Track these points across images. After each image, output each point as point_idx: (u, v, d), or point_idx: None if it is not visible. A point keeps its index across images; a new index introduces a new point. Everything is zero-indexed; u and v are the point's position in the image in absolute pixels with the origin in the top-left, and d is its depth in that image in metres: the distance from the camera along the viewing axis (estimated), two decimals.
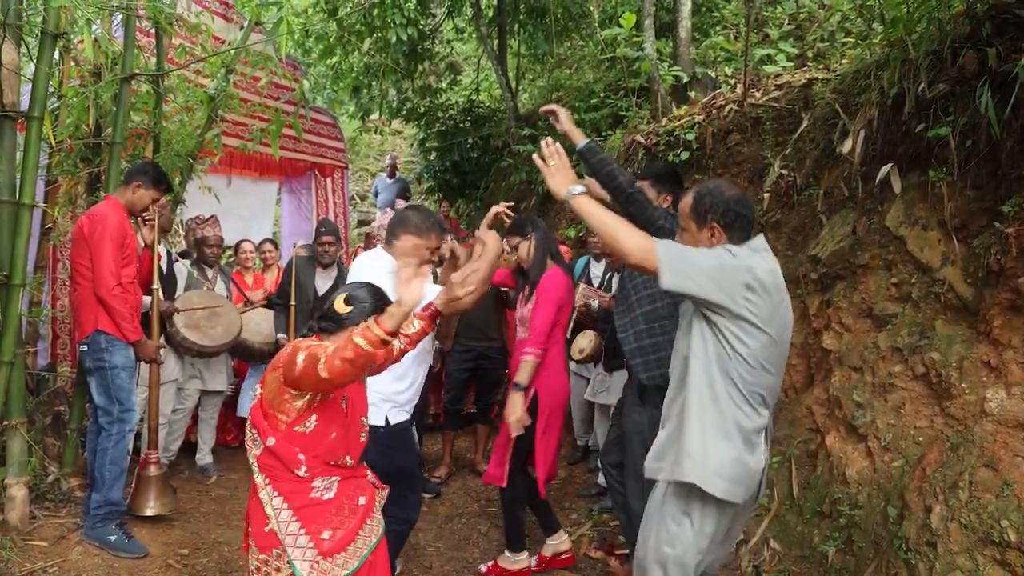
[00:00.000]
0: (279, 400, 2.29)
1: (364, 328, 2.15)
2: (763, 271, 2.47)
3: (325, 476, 2.38)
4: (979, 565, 2.98)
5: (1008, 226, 3.23)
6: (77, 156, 4.73)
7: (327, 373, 2.12)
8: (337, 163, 8.76)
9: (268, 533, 2.31)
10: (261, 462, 2.34)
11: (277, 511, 2.31)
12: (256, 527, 2.35)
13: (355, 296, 2.47)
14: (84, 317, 3.96)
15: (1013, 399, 3.16)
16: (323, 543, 2.31)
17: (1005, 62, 3.26)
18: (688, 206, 2.67)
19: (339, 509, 2.39)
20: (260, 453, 2.33)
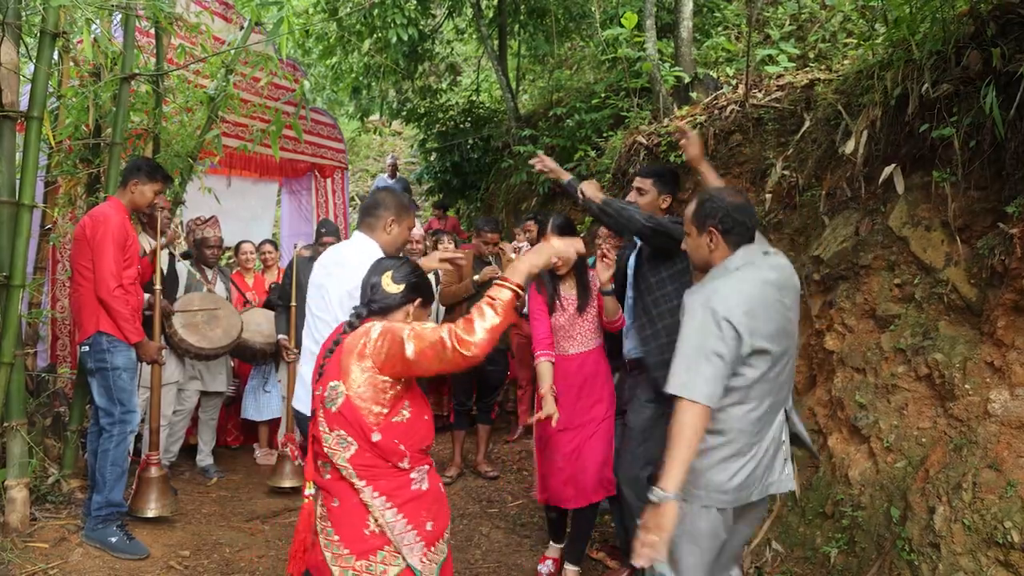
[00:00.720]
0: (373, 392, 2.14)
1: (494, 290, 2.08)
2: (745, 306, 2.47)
3: (420, 466, 2.29)
4: (982, 566, 2.97)
5: (1012, 227, 3.22)
6: (77, 157, 4.72)
7: (475, 349, 2.01)
8: (337, 164, 8.76)
9: (370, 536, 2.18)
10: (356, 464, 2.17)
11: (381, 511, 2.18)
12: (352, 532, 2.19)
13: (400, 273, 2.35)
14: (85, 318, 3.95)
15: (1017, 400, 3.15)
16: (428, 534, 2.25)
17: (1010, 62, 3.24)
18: (691, 211, 2.71)
19: (435, 499, 2.33)
20: (354, 454, 2.17)
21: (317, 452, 2.27)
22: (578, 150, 7.57)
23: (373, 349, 2.13)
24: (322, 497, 2.26)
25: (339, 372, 2.18)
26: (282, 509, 4.86)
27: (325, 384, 2.21)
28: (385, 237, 3.15)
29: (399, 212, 3.19)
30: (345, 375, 2.16)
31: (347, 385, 2.15)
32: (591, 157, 7.41)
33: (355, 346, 2.18)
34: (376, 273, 2.38)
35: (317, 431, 2.23)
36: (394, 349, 2.10)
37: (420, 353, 2.06)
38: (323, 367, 2.27)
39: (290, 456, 5.06)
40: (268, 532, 4.50)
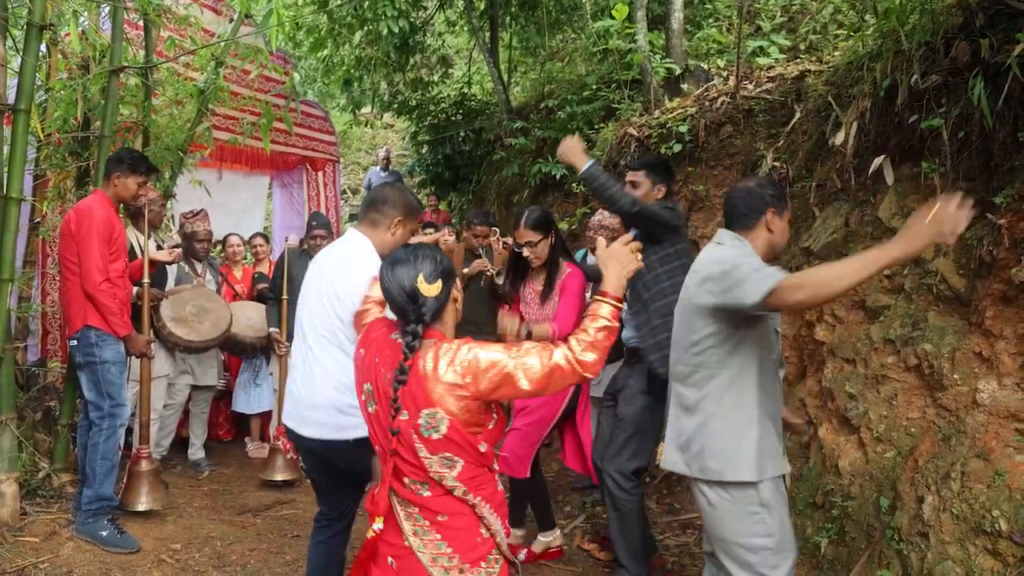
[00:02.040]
0: (476, 412, 2.07)
1: (595, 307, 2.10)
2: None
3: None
4: (971, 555, 2.99)
5: (1000, 217, 3.23)
6: (66, 150, 4.69)
7: (594, 369, 2.05)
8: (328, 157, 8.73)
9: (482, 542, 2.15)
10: (466, 479, 2.10)
11: (490, 518, 2.16)
12: (467, 543, 2.13)
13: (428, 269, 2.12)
14: (73, 312, 3.93)
15: (1005, 390, 3.17)
16: (506, 528, 2.25)
17: (998, 53, 3.25)
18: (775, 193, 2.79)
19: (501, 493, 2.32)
20: (461, 471, 2.09)
21: (400, 473, 2.12)
22: None
23: (475, 388, 2.03)
24: (417, 512, 2.12)
25: (429, 399, 2.03)
26: (274, 502, 4.86)
27: (415, 411, 2.04)
28: (387, 238, 2.92)
29: (407, 214, 2.97)
30: (439, 402, 2.03)
31: (446, 411, 2.03)
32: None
33: (442, 377, 2.03)
34: (404, 277, 2.11)
35: (413, 458, 2.07)
36: (506, 389, 2.03)
37: (535, 384, 2.03)
38: (396, 400, 2.06)
39: (282, 449, 5.05)
40: (260, 525, 4.50)
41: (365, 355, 2.22)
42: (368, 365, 2.19)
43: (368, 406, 2.18)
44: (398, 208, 2.93)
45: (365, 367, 2.20)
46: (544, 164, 7.72)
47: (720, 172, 5.65)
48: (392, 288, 2.12)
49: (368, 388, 2.18)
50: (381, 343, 2.20)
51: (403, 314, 2.13)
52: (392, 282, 2.12)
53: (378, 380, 2.13)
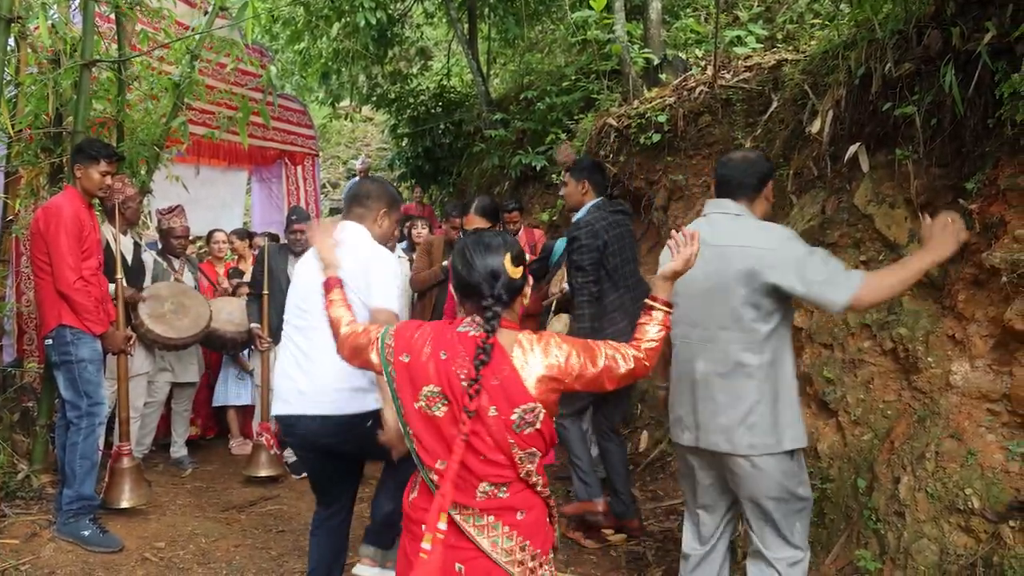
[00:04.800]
0: (557, 407, 2.12)
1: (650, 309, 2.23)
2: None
3: None
4: (945, 532, 3.05)
5: (971, 203, 3.28)
6: (38, 146, 4.62)
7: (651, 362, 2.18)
8: (307, 151, 8.68)
9: (550, 531, 2.18)
10: (541, 472, 2.13)
11: (554, 506, 2.21)
12: (543, 535, 2.14)
13: (516, 253, 2.12)
14: (47, 312, 3.89)
15: (977, 371, 3.23)
16: None
17: (968, 41, 3.29)
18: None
19: None
20: (537, 464, 2.10)
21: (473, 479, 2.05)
22: (549, 133, 7.57)
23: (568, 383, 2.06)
24: (491, 522, 2.06)
25: (527, 395, 2.01)
26: (258, 498, 4.85)
27: (508, 408, 2.00)
28: (375, 229, 3.01)
29: (391, 204, 3.07)
30: (538, 397, 2.02)
31: (544, 404, 2.03)
32: (562, 140, 7.42)
33: (538, 371, 2.03)
34: (488, 256, 2.09)
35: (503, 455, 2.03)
36: (592, 385, 2.12)
37: (615, 382, 2.14)
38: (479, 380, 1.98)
39: (265, 445, 5.04)
40: (244, 521, 4.49)
41: (414, 360, 2.07)
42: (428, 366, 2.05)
43: (434, 409, 2.04)
44: (382, 200, 3.02)
45: (423, 369, 2.06)
46: (524, 155, 7.73)
47: (699, 161, 5.69)
48: (476, 266, 2.08)
49: (432, 390, 2.04)
50: (445, 340, 2.08)
51: (477, 293, 2.08)
52: (477, 260, 2.08)
53: (451, 379, 2.02)
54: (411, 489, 2.20)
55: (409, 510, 2.17)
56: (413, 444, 2.10)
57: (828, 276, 2.59)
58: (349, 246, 2.86)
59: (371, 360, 2.17)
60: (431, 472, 2.07)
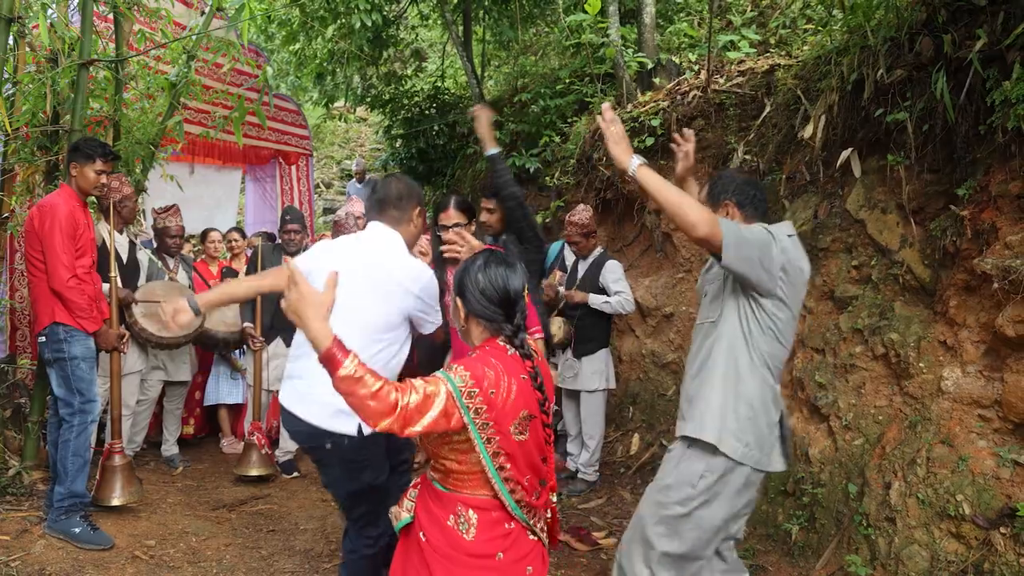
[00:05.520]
0: None
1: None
2: (795, 255, 2.63)
3: None
4: (936, 538, 3.07)
5: (963, 209, 3.31)
6: (34, 144, 4.62)
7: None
8: (302, 151, 8.68)
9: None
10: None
11: None
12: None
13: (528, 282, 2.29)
14: (41, 309, 3.88)
15: (968, 377, 3.25)
16: None
17: (959, 48, 3.33)
18: (705, 193, 2.85)
19: None
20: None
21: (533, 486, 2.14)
22: (543, 136, 7.58)
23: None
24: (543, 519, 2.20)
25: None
26: (249, 497, 4.84)
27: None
28: (411, 230, 2.97)
29: (421, 201, 3.03)
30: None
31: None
32: (556, 143, 7.44)
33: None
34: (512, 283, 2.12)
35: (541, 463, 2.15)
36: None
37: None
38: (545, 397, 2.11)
39: (256, 444, 5.03)
40: (235, 520, 4.48)
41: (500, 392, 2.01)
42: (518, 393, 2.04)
43: (519, 436, 2.05)
44: (414, 199, 2.98)
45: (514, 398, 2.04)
46: (518, 158, 7.74)
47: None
48: (497, 288, 2.09)
49: (525, 415, 2.06)
50: (513, 365, 2.08)
51: (492, 318, 2.10)
52: (498, 282, 2.09)
53: (530, 403, 2.06)
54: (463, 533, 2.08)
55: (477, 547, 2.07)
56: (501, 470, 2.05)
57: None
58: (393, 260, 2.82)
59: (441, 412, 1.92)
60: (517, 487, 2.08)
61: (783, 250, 2.56)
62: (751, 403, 2.59)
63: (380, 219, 2.94)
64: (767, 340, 2.61)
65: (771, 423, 2.63)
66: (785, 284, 2.58)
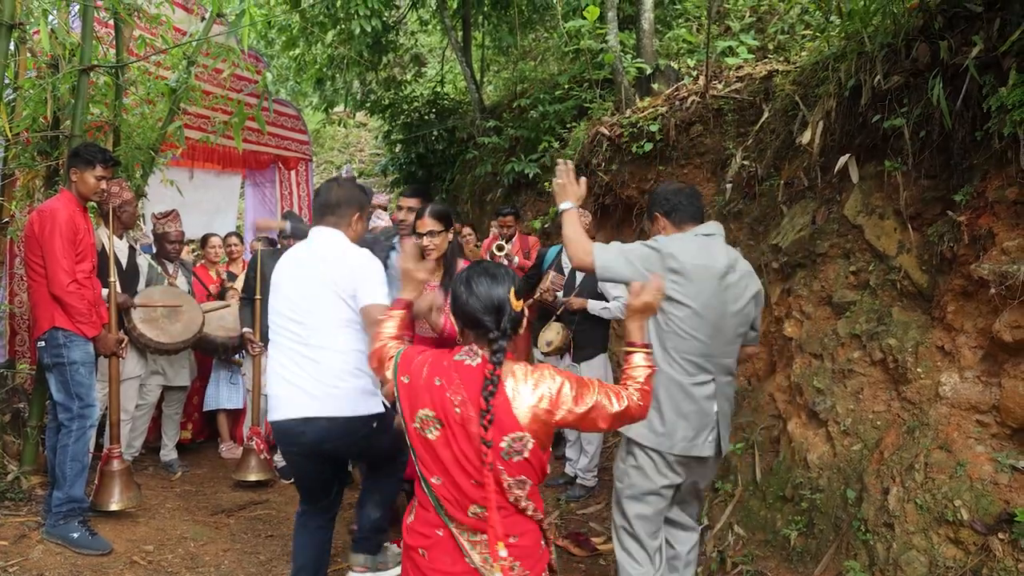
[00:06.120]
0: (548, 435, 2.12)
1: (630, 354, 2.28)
2: (686, 256, 2.91)
3: None
4: (934, 544, 3.07)
5: (960, 214, 3.32)
6: (35, 149, 4.63)
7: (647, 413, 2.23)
8: (301, 156, 8.69)
9: (543, 552, 2.21)
10: (532, 497, 2.15)
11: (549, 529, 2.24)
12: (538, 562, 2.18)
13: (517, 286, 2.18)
14: (41, 314, 3.89)
15: (966, 382, 3.26)
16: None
17: (956, 55, 3.34)
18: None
19: None
20: (530, 489, 2.13)
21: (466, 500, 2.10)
22: (542, 141, 7.61)
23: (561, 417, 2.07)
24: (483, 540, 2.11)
25: (516, 423, 2.04)
26: (247, 502, 4.84)
27: (499, 435, 2.04)
28: (351, 233, 3.15)
29: (362, 207, 3.20)
30: (527, 426, 2.05)
31: (532, 434, 2.06)
32: (555, 148, 7.46)
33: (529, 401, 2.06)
34: (494, 288, 2.13)
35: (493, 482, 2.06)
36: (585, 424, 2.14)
37: (608, 422, 2.17)
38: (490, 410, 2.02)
39: (255, 449, 5.03)
40: (233, 525, 4.48)
41: (412, 383, 2.14)
42: (424, 391, 2.11)
43: (427, 432, 2.10)
44: (352, 206, 3.15)
45: (419, 393, 2.12)
46: (517, 163, 7.76)
47: (690, 171, 5.72)
48: (480, 298, 2.12)
49: (427, 414, 2.10)
50: (441, 367, 2.13)
51: (481, 327, 2.12)
52: (480, 292, 2.13)
53: (445, 405, 2.07)
54: (408, 514, 2.23)
55: (407, 536, 2.19)
56: (414, 451, 2.16)
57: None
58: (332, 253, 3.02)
59: (387, 376, 2.26)
60: (431, 487, 2.13)
61: (670, 255, 2.89)
62: (657, 394, 2.86)
63: (321, 223, 3.14)
64: (670, 336, 2.93)
65: (682, 412, 2.94)
66: (680, 284, 2.88)
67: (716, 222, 3.16)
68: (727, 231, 5.04)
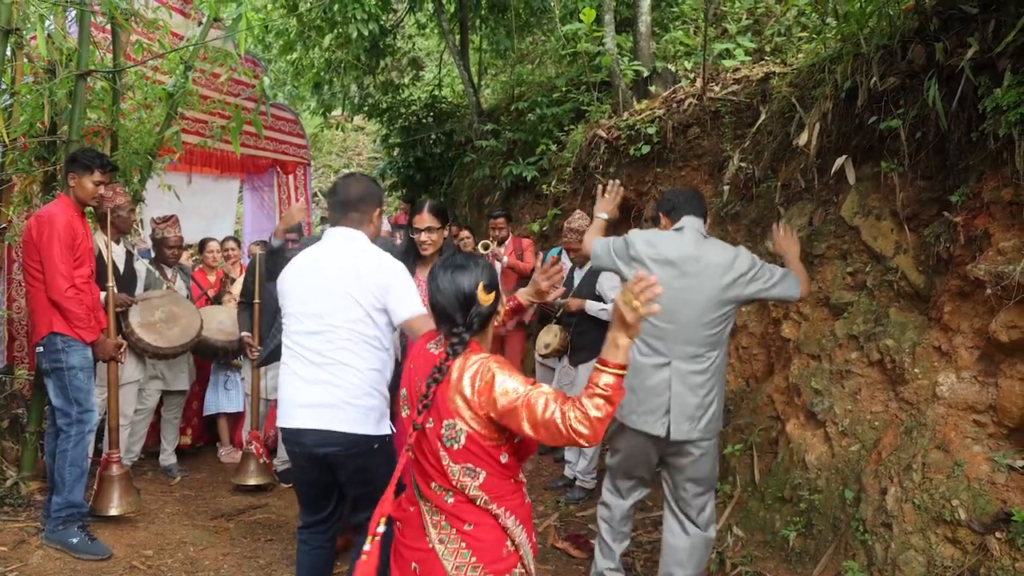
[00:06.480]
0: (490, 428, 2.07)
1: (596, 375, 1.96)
2: (645, 247, 3.30)
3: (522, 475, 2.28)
4: (932, 544, 3.08)
5: (956, 215, 3.33)
6: (32, 154, 4.63)
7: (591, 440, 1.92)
8: (299, 160, 8.69)
9: (508, 555, 2.15)
10: (489, 491, 2.11)
11: (515, 531, 2.17)
12: (493, 554, 2.12)
13: (487, 278, 2.18)
14: (39, 319, 3.89)
15: (963, 383, 3.26)
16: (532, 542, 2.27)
17: (951, 56, 3.35)
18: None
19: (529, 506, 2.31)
20: (484, 481, 2.10)
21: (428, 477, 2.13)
22: (540, 144, 7.62)
23: (485, 408, 2.03)
24: (443, 520, 2.13)
25: (450, 410, 2.06)
26: (247, 507, 4.84)
27: (439, 420, 2.07)
28: (372, 229, 3.05)
29: (381, 202, 3.14)
30: (457, 413, 2.05)
31: (465, 423, 2.05)
32: (552, 151, 7.47)
33: (461, 389, 2.05)
34: (461, 283, 2.15)
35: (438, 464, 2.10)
36: (511, 421, 2.01)
37: (534, 429, 1.98)
38: (428, 396, 2.08)
39: (254, 454, 5.03)
40: (233, 530, 4.48)
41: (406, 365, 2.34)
42: (405, 373, 2.30)
43: (403, 410, 2.28)
44: (375, 199, 3.08)
45: (405, 374, 2.30)
46: (515, 166, 7.77)
47: (688, 173, 5.73)
48: (447, 292, 2.15)
49: (403, 394, 2.28)
50: (416, 352, 2.30)
51: (449, 319, 2.16)
52: (449, 286, 2.15)
53: (411, 387, 2.22)
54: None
55: (394, 509, 2.26)
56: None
57: (784, 275, 3.30)
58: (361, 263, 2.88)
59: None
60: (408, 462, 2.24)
61: (632, 245, 3.33)
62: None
63: (343, 222, 3.00)
64: None
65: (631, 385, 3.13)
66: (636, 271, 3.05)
67: (693, 217, 3.38)
68: (725, 232, 5.07)
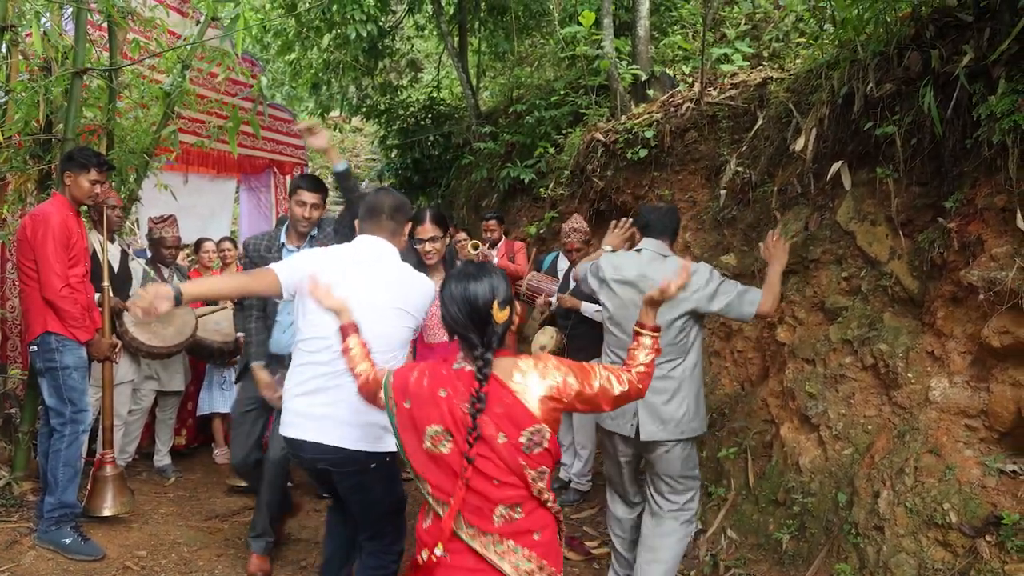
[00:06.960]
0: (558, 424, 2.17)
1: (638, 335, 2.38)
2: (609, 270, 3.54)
3: None
4: (923, 547, 3.09)
5: (950, 221, 3.34)
6: (27, 153, 4.62)
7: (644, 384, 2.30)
8: (296, 160, 8.70)
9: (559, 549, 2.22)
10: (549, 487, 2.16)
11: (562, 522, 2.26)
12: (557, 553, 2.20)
13: (502, 293, 2.14)
14: (33, 318, 3.88)
15: (955, 387, 3.28)
16: None
17: (947, 63, 3.37)
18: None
19: None
20: (547, 480, 2.15)
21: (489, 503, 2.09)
22: (538, 147, 7.63)
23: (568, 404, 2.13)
24: (511, 543, 2.10)
25: (532, 417, 2.06)
26: (241, 508, 4.84)
27: (514, 431, 2.05)
28: (401, 243, 3.01)
29: (408, 215, 3.11)
30: (543, 418, 2.08)
31: (548, 424, 2.08)
32: (550, 154, 7.48)
33: (539, 391, 2.09)
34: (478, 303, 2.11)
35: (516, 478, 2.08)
36: (588, 407, 2.20)
37: (610, 404, 2.23)
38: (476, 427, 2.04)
39: None
40: (227, 531, 4.48)
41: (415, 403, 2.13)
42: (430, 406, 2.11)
43: (440, 447, 2.09)
44: (408, 212, 3.08)
45: (426, 410, 2.11)
46: (513, 168, 7.77)
47: (685, 177, 5.74)
48: (462, 310, 2.12)
49: (436, 430, 2.09)
50: (442, 377, 2.14)
51: (466, 339, 2.13)
52: (464, 304, 2.12)
53: (455, 413, 2.07)
54: (424, 518, 2.23)
55: (424, 535, 2.18)
56: (422, 482, 2.16)
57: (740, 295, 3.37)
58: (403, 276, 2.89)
59: (380, 404, 2.25)
60: (442, 505, 2.12)
61: (599, 268, 3.59)
62: None
63: (376, 231, 2.94)
64: (606, 331, 3.63)
65: None
66: (602, 291, 3.58)
67: (651, 239, 3.54)
68: (721, 237, 5.09)
